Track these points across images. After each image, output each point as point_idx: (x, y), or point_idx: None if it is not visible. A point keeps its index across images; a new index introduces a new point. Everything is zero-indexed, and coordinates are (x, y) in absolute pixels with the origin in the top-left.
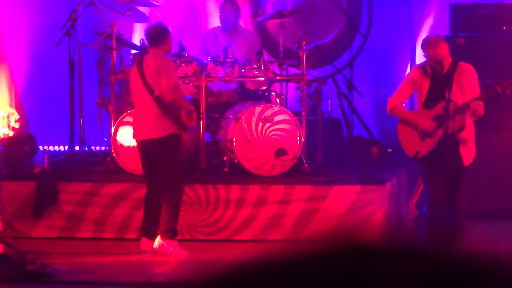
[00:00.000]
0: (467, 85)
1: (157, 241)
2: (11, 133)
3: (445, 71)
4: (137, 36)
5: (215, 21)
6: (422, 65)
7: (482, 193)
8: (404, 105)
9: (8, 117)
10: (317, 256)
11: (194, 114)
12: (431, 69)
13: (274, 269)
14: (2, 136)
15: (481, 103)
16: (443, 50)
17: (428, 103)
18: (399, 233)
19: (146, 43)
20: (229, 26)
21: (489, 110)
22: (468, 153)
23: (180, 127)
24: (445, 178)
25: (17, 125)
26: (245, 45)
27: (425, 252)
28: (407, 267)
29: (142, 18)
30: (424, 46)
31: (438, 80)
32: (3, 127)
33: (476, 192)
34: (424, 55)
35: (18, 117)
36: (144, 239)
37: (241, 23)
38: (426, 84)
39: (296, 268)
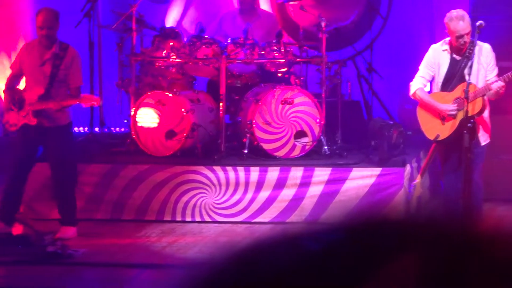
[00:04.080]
0: (487, 65)
1: None
2: None
3: (464, 50)
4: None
5: (232, 3)
6: (440, 44)
7: (500, 177)
8: (426, 87)
9: None
10: (336, 237)
11: None
12: (450, 48)
13: (291, 250)
14: None
15: (504, 85)
16: (467, 24)
17: (447, 84)
18: (418, 212)
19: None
20: (247, 8)
21: (508, 92)
22: (485, 133)
23: None
24: (462, 160)
25: None
26: (263, 27)
27: (444, 230)
28: (428, 245)
29: None
30: (448, 20)
31: (457, 60)
32: None
33: (495, 175)
34: (446, 31)
35: None
36: None
37: (260, 5)
38: (444, 64)
39: (315, 249)
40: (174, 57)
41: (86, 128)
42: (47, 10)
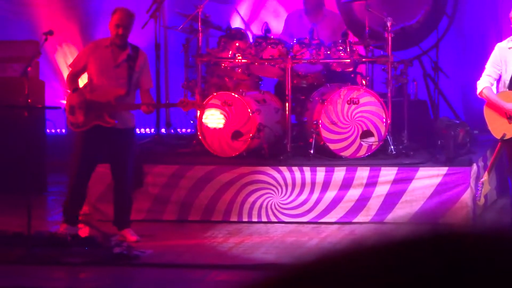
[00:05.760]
0: None
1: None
2: None
3: None
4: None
5: (298, 3)
6: (507, 42)
7: None
8: (493, 85)
9: None
10: (405, 240)
11: None
12: None
13: (360, 254)
14: None
15: None
16: None
17: None
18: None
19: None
20: (313, 8)
21: None
22: None
23: None
24: None
25: None
26: (329, 26)
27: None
28: (497, 251)
29: None
30: None
31: None
32: None
33: None
34: (511, 26)
35: None
36: None
37: (325, 5)
38: (511, 62)
39: (383, 253)
40: (240, 57)
41: (152, 129)
42: (124, 9)
